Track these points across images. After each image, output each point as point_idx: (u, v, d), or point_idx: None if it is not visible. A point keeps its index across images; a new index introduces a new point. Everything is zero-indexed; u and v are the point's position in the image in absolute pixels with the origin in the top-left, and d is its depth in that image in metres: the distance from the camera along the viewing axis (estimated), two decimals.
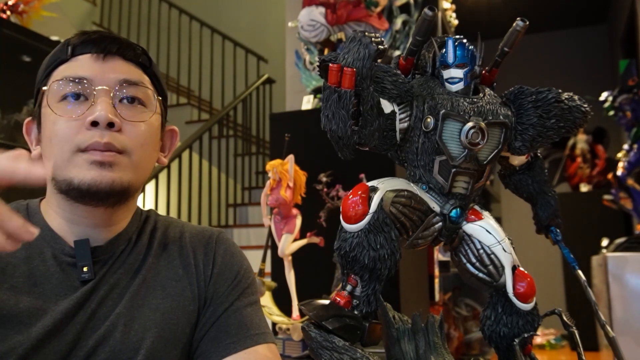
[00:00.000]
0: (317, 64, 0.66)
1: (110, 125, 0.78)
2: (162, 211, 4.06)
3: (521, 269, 0.71)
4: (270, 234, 1.60)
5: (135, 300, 0.82)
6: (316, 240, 1.59)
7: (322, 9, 2.11)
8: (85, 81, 0.80)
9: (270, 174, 1.52)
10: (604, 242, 3.29)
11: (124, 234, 0.86)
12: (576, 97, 0.71)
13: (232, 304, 0.88)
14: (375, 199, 0.66)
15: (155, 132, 0.87)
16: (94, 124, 0.78)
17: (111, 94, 0.81)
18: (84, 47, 0.83)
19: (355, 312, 0.68)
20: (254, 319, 0.88)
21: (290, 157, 1.52)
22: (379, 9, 2.12)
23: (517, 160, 0.77)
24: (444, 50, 0.71)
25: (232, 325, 0.86)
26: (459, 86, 0.70)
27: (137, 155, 0.82)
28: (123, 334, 0.79)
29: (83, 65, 0.82)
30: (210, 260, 0.91)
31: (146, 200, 4.38)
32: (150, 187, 4.14)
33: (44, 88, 0.83)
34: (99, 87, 0.80)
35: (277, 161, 1.53)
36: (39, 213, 0.86)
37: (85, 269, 0.80)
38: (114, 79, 0.82)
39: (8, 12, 2.75)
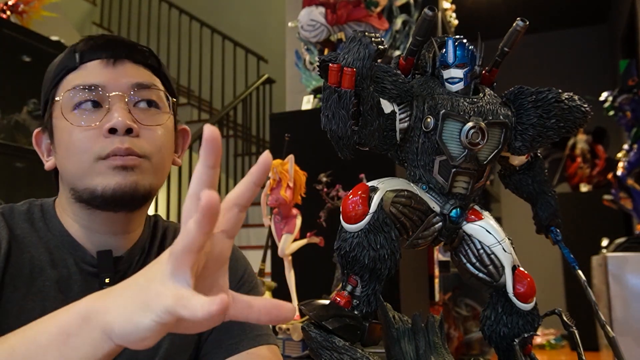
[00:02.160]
0: (317, 64, 0.66)
1: (129, 131, 0.78)
2: (162, 211, 4.06)
3: (521, 269, 0.71)
4: (270, 234, 1.60)
5: None
6: (316, 240, 1.59)
7: (322, 9, 2.11)
8: (98, 88, 0.79)
9: (270, 174, 1.52)
10: (604, 242, 3.29)
11: (140, 241, 0.86)
12: (576, 97, 0.71)
13: None
14: (375, 199, 0.66)
15: (171, 134, 0.86)
16: (112, 131, 0.77)
17: (126, 99, 0.80)
18: (92, 53, 0.81)
19: (355, 312, 0.68)
20: None
21: (290, 157, 1.52)
22: (379, 9, 2.12)
23: (517, 160, 0.77)
24: (444, 50, 0.71)
25: (234, 326, 0.86)
26: (459, 86, 0.70)
27: (156, 159, 0.81)
28: None
29: (93, 72, 0.80)
30: None
31: None
32: None
33: (57, 99, 0.81)
34: (113, 93, 0.79)
35: (277, 161, 1.53)
36: (55, 217, 0.84)
37: (107, 280, 0.80)
38: (126, 83, 0.81)
39: (8, 12, 2.75)
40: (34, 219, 0.83)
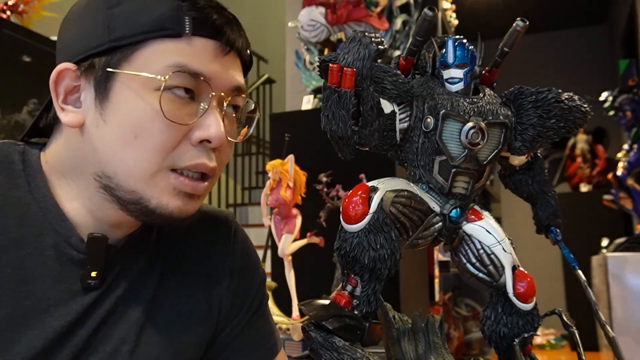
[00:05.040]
0: (317, 64, 0.66)
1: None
2: None
3: (521, 269, 0.71)
4: (270, 234, 1.60)
5: (142, 322, 0.68)
6: (316, 240, 1.59)
7: (322, 9, 2.11)
8: (203, 79, 0.63)
9: (270, 174, 1.52)
10: (604, 242, 3.29)
11: (137, 232, 0.71)
12: (576, 97, 0.71)
13: (249, 320, 0.81)
14: (375, 199, 0.66)
15: None
16: (202, 140, 0.63)
17: (225, 104, 0.65)
18: (208, 29, 0.63)
19: (355, 312, 0.68)
20: (266, 327, 0.83)
21: (290, 157, 1.52)
22: (379, 9, 2.12)
23: (517, 160, 0.77)
24: (444, 50, 0.71)
25: (247, 345, 0.80)
26: (459, 86, 0.70)
27: (217, 177, 0.69)
28: None
29: (203, 56, 0.63)
30: (227, 268, 0.79)
31: None
32: None
33: (145, 73, 0.60)
34: (214, 94, 0.64)
35: (277, 161, 1.53)
36: (41, 174, 0.64)
37: (93, 274, 0.63)
38: (229, 82, 0.66)
39: (8, 12, 2.75)
40: (13, 170, 0.63)
